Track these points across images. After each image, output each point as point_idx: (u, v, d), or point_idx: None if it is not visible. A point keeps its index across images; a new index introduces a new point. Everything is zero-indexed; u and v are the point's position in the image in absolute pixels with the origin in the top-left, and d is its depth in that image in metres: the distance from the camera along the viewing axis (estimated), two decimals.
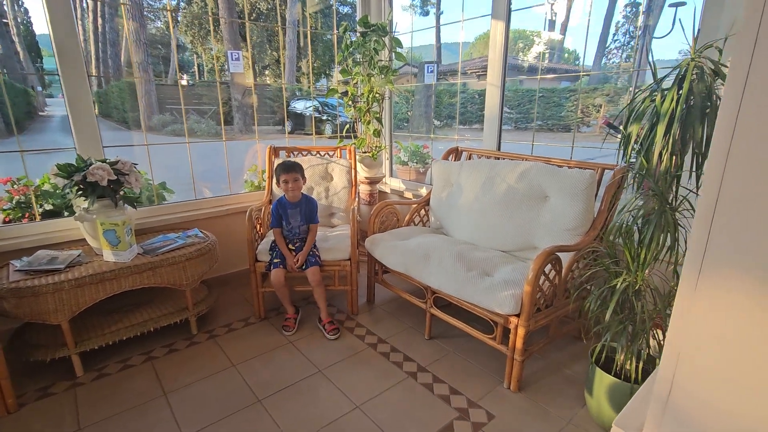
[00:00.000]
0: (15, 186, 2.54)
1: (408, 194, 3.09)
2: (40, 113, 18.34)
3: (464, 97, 13.31)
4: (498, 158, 2.43)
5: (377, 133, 2.90)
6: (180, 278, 1.98)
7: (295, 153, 2.78)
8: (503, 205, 2.08)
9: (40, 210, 2.39)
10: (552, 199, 1.97)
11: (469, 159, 2.61)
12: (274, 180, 2.20)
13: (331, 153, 2.83)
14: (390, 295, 2.55)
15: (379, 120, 2.89)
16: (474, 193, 2.24)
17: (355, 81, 2.93)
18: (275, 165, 2.18)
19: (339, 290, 2.33)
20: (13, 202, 2.50)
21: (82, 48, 2.09)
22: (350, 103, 2.97)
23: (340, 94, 2.97)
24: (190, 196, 2.67)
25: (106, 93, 17.51)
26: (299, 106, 13.25)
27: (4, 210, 2.53)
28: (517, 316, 1.62)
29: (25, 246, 1.96)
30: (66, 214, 2.32)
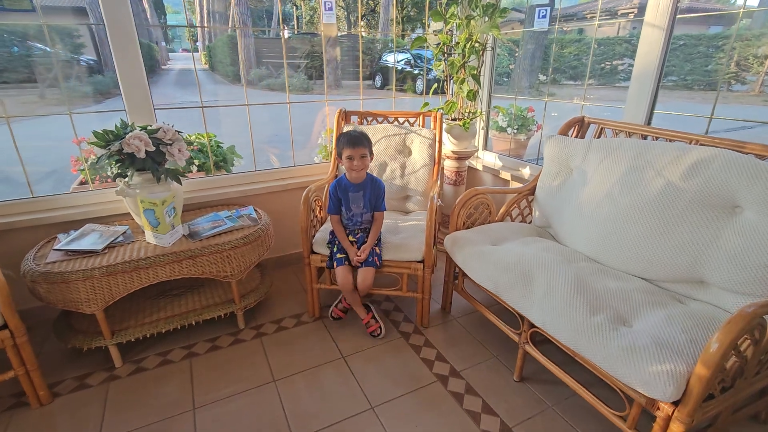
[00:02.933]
0: (87, 147, 2.48)
1: (505, 174, 2.46)
2: (163, 67, 20.25)
3: (578, 47, 11.35)
4: (645, 136, 1.69)
5: (472, 96, 2.27)
6: (224, 269, 1.71)
7: (369, 119, 2.31)
8: (656, 211, 1.40)
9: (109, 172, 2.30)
10: (747, 213, 1.24)
11: (599, 136, 1.89)
12: (336, 154, 1.76)
13: (412, 120, 2.30)
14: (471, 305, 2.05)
15: (477, 78, 2.25)
16: (606, 187, 1.57)
17: (449, 26, 2.29)
18: (341, 136, 1.74)
19: (407, 297, 1.89)
20: (88, 162, 2.45)
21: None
22: (442, 55, 2.36)
23: (429, 45, 2.37)
24: (260, 161, 2.39)
25: (214, 47, 18.56)
26: (390, 59, 12.53)
27: (82, 170, 2.51)
28: (675, 404, 1.02)
29: (75, 218, 1.83)
30: None
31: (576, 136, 1.95)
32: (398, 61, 12.21)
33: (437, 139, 2.13)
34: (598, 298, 1.28)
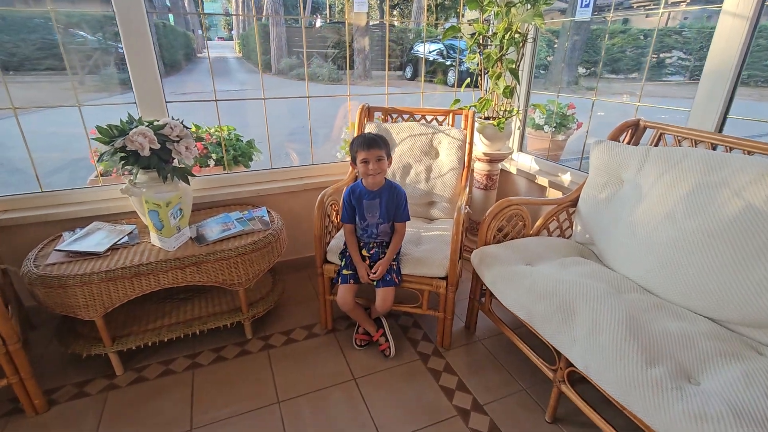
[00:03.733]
0: None
1: (541, 180, 2.23)
2: (198, 55, 20.62)
3: (622, 39, 10.63)
4: (715, 146, 1.44)
5: (508, 93, 2.05)
6: (230, 277, 1.59)
7: (394, 116, 2.13)
8: (731, 240, 1.16)
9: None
10: None
11: (657, 143, 1.64)
12: (351, 159, 1.60)
13: (441, 118, 2.10)
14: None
15: (515, 73, 2.03)
16: (667, 206, 1.34)
17: (486, 14, 2.07)
18: (355, 139, 1.58)
19: (428, 315, 1.72)
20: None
21: None
22: (477, 47, 2.14)
23: (463, 35, 2.16)
24: (280, 155, 2.26)
25: (247, 36, 18.74)
26: (422, 49, 12.18)
27: (102, 161, 2.46)
28: None
29: (84, 215, 1.75)
30: None
31: (629, 142, 1.71)
32: (430, 52, 11.86)
33: (468, 140, 1.93)
34: (656, 343, 1.07)
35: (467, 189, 1.87)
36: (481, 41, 2.09)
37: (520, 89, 2.35)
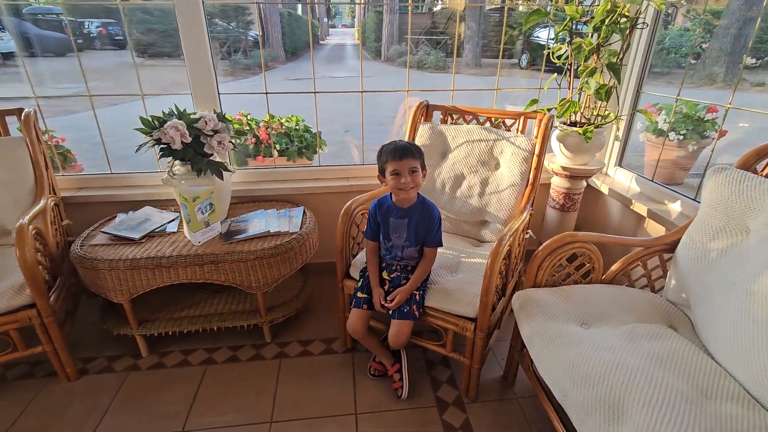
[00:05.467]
0: None
1: (638, 207, 1.75)
2: (321, 42, 21.88)
3: None
4: None
5: (603, 94, 1.61)
6: (248, 280, 1.54)
7: (455, 117, 1.85)
8: None
9: None
10: None
11: None
12: (378, 171, 1.39)
13: (510, 121, 1.76)
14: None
15: (615, 69, 1.58)
16: None
17: None
18: (384, 147, 1.36)
19: (451, 357, 1.45)
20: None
21: None
22: (568, 35, 1.73)
23: (551, 21, 1.76)
24: (342, 149, 2.16)
25: (365, 23, 19.21)
26: (543, 35, 11.06)
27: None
28: None
29: (139, 198, 1.87)
30: None
31: None
32: (551, 39, 10.71)
33: (536, 152, 1.57)
34: None
35: (527, 212, 1.53)
36: (571, 30, 1.67)
37: (622, 89, 1.86)
